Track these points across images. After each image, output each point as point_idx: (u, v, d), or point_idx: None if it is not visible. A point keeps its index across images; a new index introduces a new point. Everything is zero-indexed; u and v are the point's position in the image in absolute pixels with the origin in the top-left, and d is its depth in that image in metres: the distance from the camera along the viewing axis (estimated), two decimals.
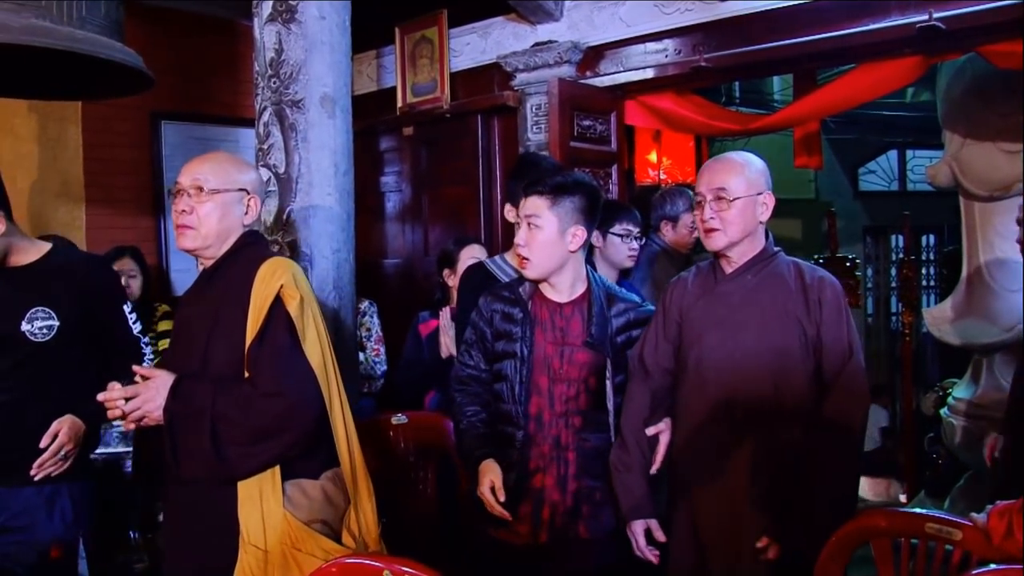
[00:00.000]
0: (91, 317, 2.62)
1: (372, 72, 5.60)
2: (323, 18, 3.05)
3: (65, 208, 4.78)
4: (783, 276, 2.31)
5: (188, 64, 5.20)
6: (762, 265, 2.33)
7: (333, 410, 2.11)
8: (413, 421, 3.19)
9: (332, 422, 2.11)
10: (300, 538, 2.05)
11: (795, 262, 2.36)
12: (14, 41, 2.45)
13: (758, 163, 2.36)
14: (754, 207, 2.29)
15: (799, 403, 2.26)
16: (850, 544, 2.10)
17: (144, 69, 2.85)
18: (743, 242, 2.32)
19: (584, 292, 2.50)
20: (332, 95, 3.07)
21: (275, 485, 2.06)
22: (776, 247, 2.38)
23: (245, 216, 2.22)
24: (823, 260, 5.26)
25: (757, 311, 2.30)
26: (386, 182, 5.58)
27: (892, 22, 3.51)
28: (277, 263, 2.13)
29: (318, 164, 3.03)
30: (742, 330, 2.30)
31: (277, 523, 2.04)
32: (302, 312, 2.07)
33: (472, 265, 3.09)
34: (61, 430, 2.48)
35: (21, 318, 2.48)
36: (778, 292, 2.29)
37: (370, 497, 2.20)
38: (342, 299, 3.08)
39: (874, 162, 9.85)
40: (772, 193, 2.33)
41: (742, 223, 2.29)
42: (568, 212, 2.41)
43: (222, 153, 2.35)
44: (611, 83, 4.43)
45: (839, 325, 2.26)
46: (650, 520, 2.36)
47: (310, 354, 2.06)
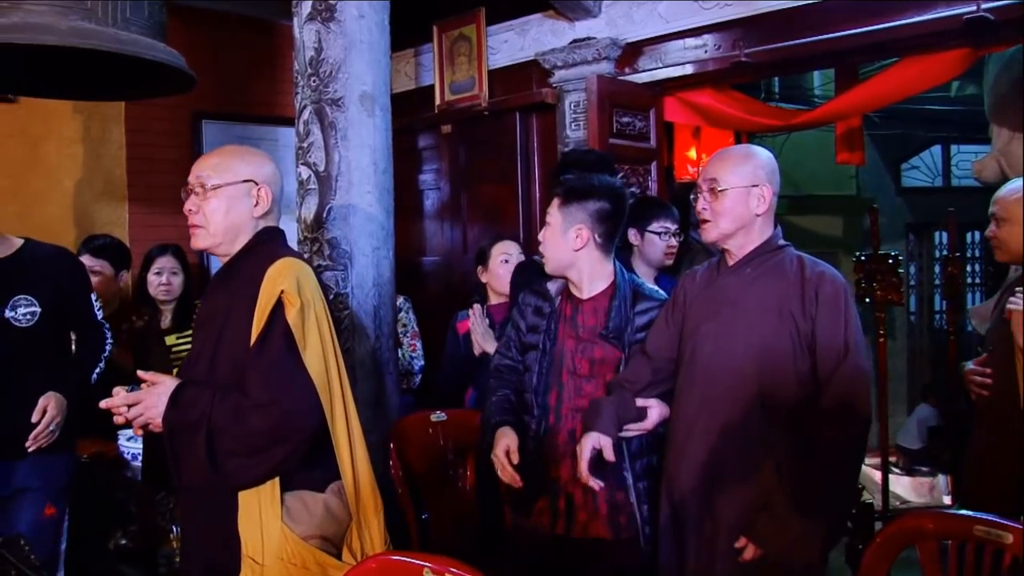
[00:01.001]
0: (65, 304, 2.94)
1: (410, 70, 5.62)
2: (362, 17, 3.06)
3: (109, 207, 4.85)
4: (784, 271, 2.26)
5: (228, 64, 5.26)
6: (763, 259, 2.29)
7: (335, 421, 2.02)
8: (452, 418, 3.20)
9: (334, 433, 2.02)
10: (296, 553, 1.98)
11: (800, 256, 2.30)
12: (61, 43, 2.49)
13: (760, 156, 2.33)
14: (747, 199, 2.26)
15: (784, 402, 2.20)
16: (895, 546, 2.05)
17: (186, 69, 2.87)
18: (737, 235, 2.29)
19: (606, 289, 2.55)
20: (371, 93, 3.07)
21: (273, 497, 1.99)
22: (784, 241, 2.33)
23: (255, 208, 2.16)
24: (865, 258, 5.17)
25: (751, 306, 2.26)
26: (424, 180, 5.60)
27: (938, 14, 3.44)
28: (285, 264, 2.04)
29: (358, 162, 3.04)
30: (732, 325, 2.27)
31: (274, 537, 1.98)
32: (302, 319, 1.98)
33: (523, 261, 3.10)
34: (49, 404, 2.78)
35: (4, 305, 2.77)
36: (775, 287, 2.24)
37: (377, 512, 2.12)
38: (382, 297, 3.09)
39: (917, 157, 9.69)
40: (771, 187, 2.27)
41: (733, 215, 2.27)
42: (573, 213, 2.50)
43: (229, 147, 2.31)
44: (650, 79, 4.40)
45: (835, 323, 2.18)
46: (603, 438, 2.26)
47: (310, 363, 1.98)
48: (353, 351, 3.02)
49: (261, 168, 2.20)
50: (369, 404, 3.05)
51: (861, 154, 5.32)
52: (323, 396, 1.99)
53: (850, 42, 3.69)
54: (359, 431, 2.10)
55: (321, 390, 1.99)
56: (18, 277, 2.83)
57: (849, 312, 2.19)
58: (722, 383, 2.26)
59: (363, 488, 2.09)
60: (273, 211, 2.22)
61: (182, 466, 2.01)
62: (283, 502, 2.01)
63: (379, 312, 3.08)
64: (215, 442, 1.94)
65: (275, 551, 1.97)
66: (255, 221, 2.17)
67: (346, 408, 2.06)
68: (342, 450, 2.04)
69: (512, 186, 4.98)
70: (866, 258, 5.01)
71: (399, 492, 2.94)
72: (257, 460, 1.95)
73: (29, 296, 2.82)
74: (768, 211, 2.29)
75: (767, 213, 2.29)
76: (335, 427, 2.02)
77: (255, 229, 2.18)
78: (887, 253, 4.99)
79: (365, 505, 2.09)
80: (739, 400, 2.24)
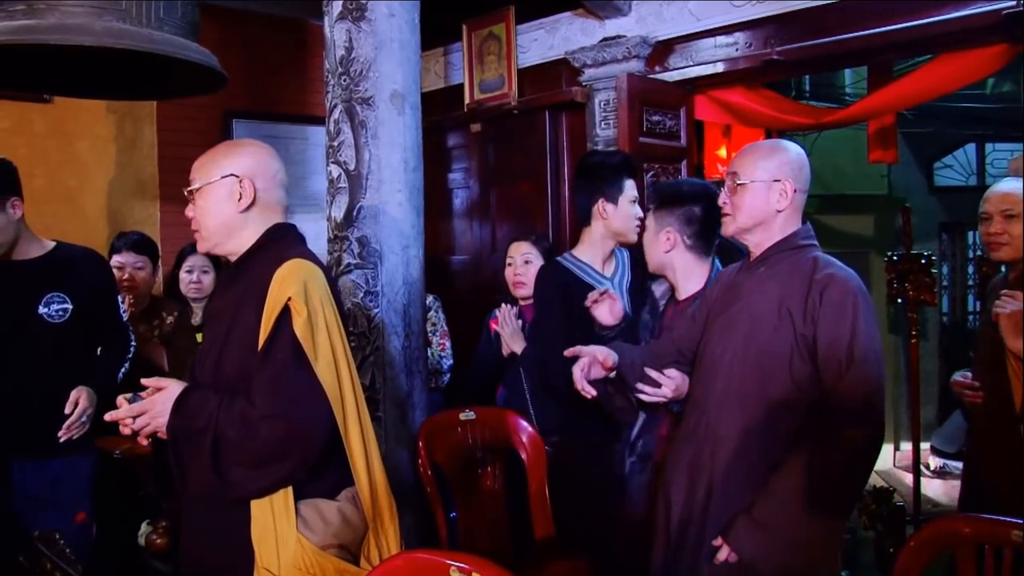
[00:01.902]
0: (95, 303, 3.02)
1: (440, 69, 5.62)
2: (393, 16, 3.06)
3: (141, 206, 4.89)
4: (798, 270, 2.18)
5: (259, 63, 5.29)
6: (780, 257, 2.23)
7: (349, 429, 1.97)
8: (481, 417, 3.20)
9: (347, 441, 1.97)
10: (315, 562, 1.93)
11: (816, 257, 2.20)
12: (97, 43, 2.51)
13: (786, 152, 2.26)
14: (767, 193, 2.21)
15: (779, 407, 2.13)
16: (930, 550, 2.02)
17: (219, 68, 2.89)
18: (756, 230, 2.25)
19: (699, 290, 2.63)
20: (402, 92, 3.08)
21: (287, 507, 1.94)
22: (807, 240, 2.25)
23: (239, 202, 2.06)
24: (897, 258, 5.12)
25: (757, 306, 2.20)
26: (453, 179, 5.60)
27: (976, 9, 3.39)
28: (293, 267, 1.96)
29: (388, 161, 3.04)
30: (737, 324, 2.23)
31: (290, 547, 1.92)
32: (311, 330, 1.91)
33: (547, 263, 3.10)
34: (81, 397, 2.85)
35: (38, 303, 2.87)
36: (784, 287, 2.17)
37: (392, 519, 2.07)
38: (411, 295, 3.09)
39: (951, 156, 9.57)
40: (795, 183, 2.21)
41: (751, 209, 2.23)
42: (663, 217, 2.64)
43: (218, 145, 2.20)
44: (680, 77, 4.37)
45: (839, 329, 2.07)
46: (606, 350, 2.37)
47: (321, 373, 1.91)
48: (383, 349, 3.02)
49: (241, 160, 2.09)
50: (398, 403, 3.06)
51: (895, 152, 5.26)
52: (335, 405, 1.94)
53: (884, 39, 3.65)
54: (373, 437, 2.05)
55: (333, 399, 1.94)
56: (51, 276, 2.92)
57: (859, 319, 2.08)
58: (718, 383, 2.23)
59: (380, 495, 2.04)
60: (267, 202, 2.11)
61: (187, 474, 1.98)
62: (297, 511, 1.96)
63: (408, 311, 3.08)
64: (220, 451, 1.90)
65: (292, 561, 1.92)
66: (244, 216, 2.08)
67: (360, 415, 2.00)
68: (357, 458, 1.99)
69: (541, 185, 4.97)
70: (898, 258, 4.96)
71: (428, 491, 2.94)
72: (264, 472, 1.91)
73: (62, 294, 2.91)
74: (790, 208, 2.23)
75: (789, 210, 2.23)
76: (349, 435, 1.97)
77: (255, 224, 2.10)
78: (920, 253, 4.94)
79: (381, 512, 2.05)
80: (730, 402, 2.20)
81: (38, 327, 2.87)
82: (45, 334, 2.88)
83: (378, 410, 3.03)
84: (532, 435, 3.13)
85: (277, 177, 2.14)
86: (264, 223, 2.10)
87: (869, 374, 2.06)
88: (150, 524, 3.18)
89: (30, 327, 2.86)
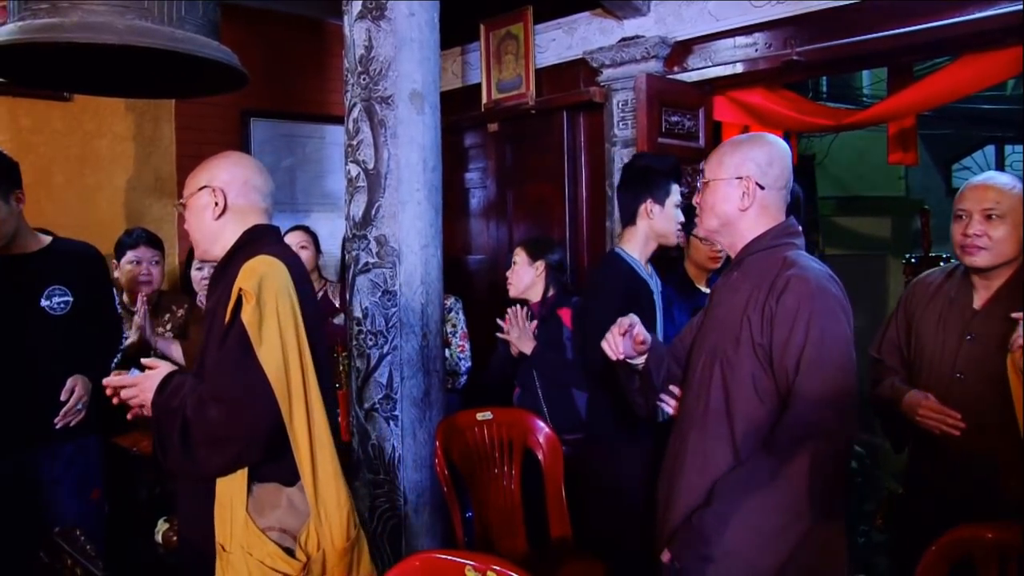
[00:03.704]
0: (93, 295, 3.11)
1: (457, 69, 5.63)
2: (412, 15, 3.06)
3: (158, 204, 4.92)
4: (766, 274, 1.99)
5: (277, 62, 5.31)
6: (751, 260, 2.06)
7: (294, 416, 2.02)
8: (498, 417, 3.21)
9: (291, 429, 2.02)
10: (255, 544, 2.02)
11: (786, 256, 2.01)
12: (120, 41, 2.51)
13: (754, 146, 2.10)
14: (729, 191, 2.07)
15: (745, 421, 1.98)
16: (951, 556, 1.99)
17: (240, 67, 2.90)
18: (724, 231, 2.11)
19: None
20: (421, 91, 3.07)
21: (242, 487, 2.04)
22: (782, 239, 2.06)
23: (215, 209, 2.19)
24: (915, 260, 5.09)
25: (726, 315, 2.06)
26: (471, 178, 5.61)
27: (998, 10, 3.36)
28: (255, 263, 2.07)
29: (407, 160, 3.04)
30: (707, 335, 2.12)
31: (239, 525, 2.03)
32: (258, 318, 1.99)
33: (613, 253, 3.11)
34: (76, 385, 2.96)
35: (40, 295, 2.95)
36: (749, 291, 2.00)
37: (339, 509, 2.11)
38: (429, 294, 3.09)
39: (969, 158, 9.52)
40: (762, 178, 2.05)
41: (713, 208, 2.09)
42: None
43: (206, 160, 2.32)
44: (699, 78, 4.36)
45: (792, 333, 1.89)
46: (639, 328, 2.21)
47: (265, 361, 1.98)
48: (400, 348, 3.02)
49: (213, 171, 2.24)
50: (415, 402, 3.06)
51: (915, 154, 5.22)
52: (280, 392, 1.99)
53: (904, 40, 3.62)
54: (325, 427, 2.10)
55: (278, 387, 1.99)
56: (52, 269, 3.00)
57: (813, 323, 1.88)
58: (689, 396, 2.14)
59: (324, 485, 2.08)
60: (240, 207, 2.22)
61: (164, 452, 2.07)
62: (252, 492, 2.06)
63: (426, 310, 3.08)
64: (186, 430, 1.99)
65: (239, 540, 2.03)
66: (220, 222, 2.21)
67: (308, 404, 2.06)
68: (300, 446, 2.04)
69: (559, 185, 4.97)
70: (916, 260, 4.94)
71: (444, 490, 2.94)
72: (217, 451, 2.00)
73: (63, 286, 3.00)
74: (757, 206, 2.06)
75: (755, 208, 2.06)
76: (293, 423, 2.03)
77: (232, 229, 2.21)
78: (938, 255, 4.91)
79: (325, 502, 2.09)
80: (695, 416, 2.08)
81: (41, 319, 2.95)
82: (47, 326, 2.97)
83: (395, 409, 3.03)
84: (549, 435, 3.13)
85: (249, 183, 2.25)
86: (241, 226, 2.22)
87: (825, 382, 1.88)
88: (167, 521, 3.19)
89: (34, 319, 2.95)
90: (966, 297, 2.54)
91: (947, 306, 2.57)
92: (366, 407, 3.06)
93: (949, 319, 2.55)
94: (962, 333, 2.49)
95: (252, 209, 2.25)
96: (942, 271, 2.70)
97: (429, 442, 3.06)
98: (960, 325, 2.51)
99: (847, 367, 1.92)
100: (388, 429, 3.04)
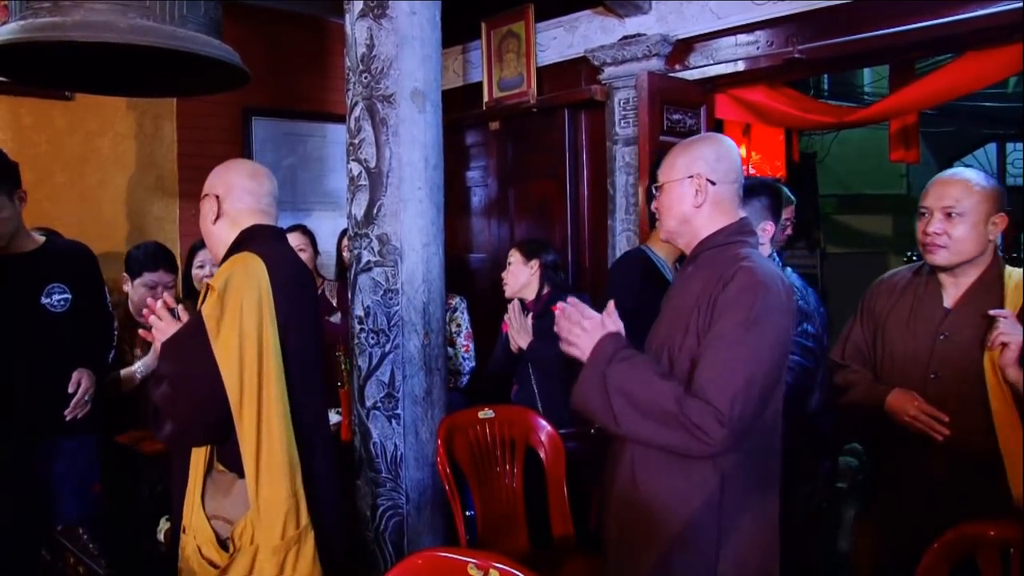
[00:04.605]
0: (89, 292, 3.16)
1: (458, 67, 5.63)
2: (414, 13, 3.05)
3: (160, 202, 4.92)
4: (717, 270, 1.99)
5: (278, 60, 5.32)
6: (706, 256, 2.07)
7: (243, 411, 2.09)
8: (500, 415, 3.20)
9: (239, 422, 2.09)
10: (199, 527, 2.15)
11: (738, 253, 2.01)
12: (122, 40, 2.52)
13: (702, 145, 2.12)
14: (683, 191, 2.08)
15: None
16: (953, 554, 1.98)
17: (241, 66, 2.90)
18: (683, 231, 2.12)
19: None
20: (422, 90, 3.07)
21: (200, 470, 2.18)
22: (737, 236, 2.06)
23: (212, 215, 2.35)
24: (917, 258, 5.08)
25: (677, 304, 2.07)
26: (472, 177, 5.61)
27: (999, 8, 3.36)
28: (232, 260, 2.21)
29: (409, 158, 3.04)
30: (660, 326, 2.13)
31: (193, 507, 2.17)
32: (219, 312, 2.09)
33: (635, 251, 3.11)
34: (82, 378, 3.00)
35: (40, 293, 3.00)
36: (702, 285, 2.00)
37: (279, 505, 2.14)
38: (431, 293, 3.09)
39: (971, 156, 9.51)
40: (712, 175, 2.05)
41: (670, 210, 2.11)
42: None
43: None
44: (701, 76, 4.36)
45: (724, 323, 1.88)
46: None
47: (220, 353, 2.07)
48: (402, 347, 3.02)
49: (212, 179, 2.39)
50: (417, 400, 3.06)
51: (916, 152, 5.22)
52: (231, 385, 2.07)
53: (907, 38, 3.62)
54: (280, 425, 2.14)
55: (230, 382, 2.07)
56: (51, 267, 3.06)
57: (744, 321, 1.87)
58: None
59: (267, 481, 2.13)
60: (232, 211, 2.35)
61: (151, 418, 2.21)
62: (212, 477, 2.20)
63: (428, 308, 3.08)
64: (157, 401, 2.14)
65: (191, 521, 2.17)
66: (216, 226, 2.36)
67: (261, 402, 2.11)
68: (246, 443, 2.10)
69: (560, 183, 4.97)
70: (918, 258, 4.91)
71: (446, 489, 2.95)
72: (162, 423, 2.13)
73: (62, 284, 3.05)
74: (710, 203, 2.07)
75: (709, 205, 2.07)
76: (242, 419, 2.09)
77: (228, 232, 2.35)
78: None
79: (266, 497, 2.13)
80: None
81: (41, 317, 3.00)
82: (47, 323, 3.01)
83: (397, 408, 3.03)
84: (551, 433, 3.13)
85: (241, 188, 2.36)
86: (236, 228, 2.34)
87: (727, 365, 1.85)
88: (169, 519, 3.20)
89: (33, 317, 2.99)
90: (935, 296, 2.52)
91: (916, 305, 2.54)
92: (368, 406, 3.06)
93: (919, 318, 2.52)
94: (935, 332, 2.46)
95: (246, 212, 2.35)
96: (908, 269, 2.67)
97: (431, 440, 3.06)
98: (932, 324, 2.48)
99: (762, 361, 1.88)
100: (390, 428, 3.04)
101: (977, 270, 2.46)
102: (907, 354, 2.51)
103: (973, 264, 2.45)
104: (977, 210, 2.40)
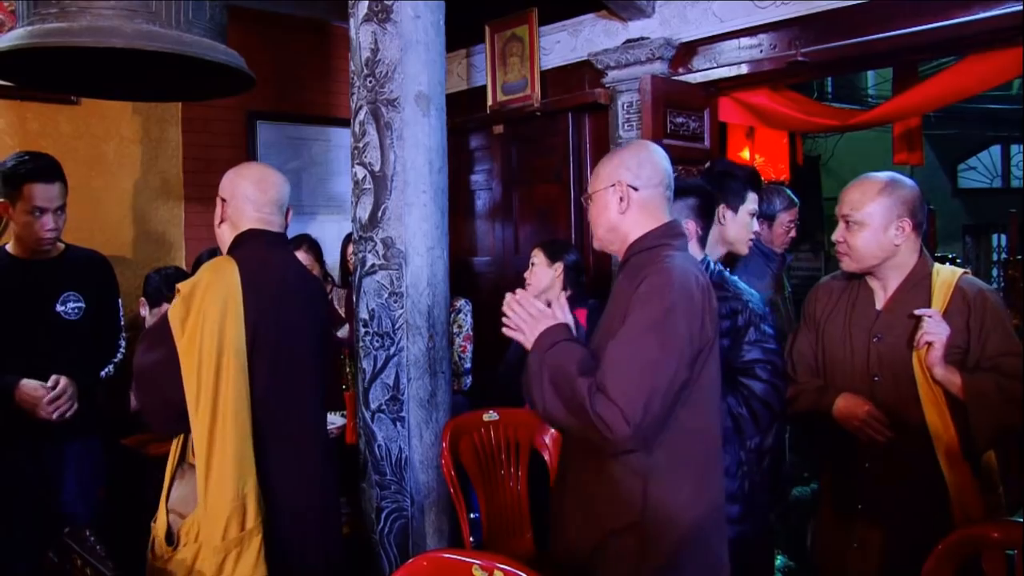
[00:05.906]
0: (101, 303, 3.21)
1: (462, 71, 5.64)
2: (418, 17, 3.07)
3: (165, 206, 4.93)
4: (640, 271, 1.97)
5: (283, 65, 5.33)
6: (634, 261, 2.06)
7: (199, 411, 2.16)
8: (504, 418, 3.21)
9: (193, 422, 2.17)
10: (159, 518, 2.22)
11: (663, 254, 2.00)
12: (128, 45, 2.54)
13: (623, 152, 2.14)
14: (608, 199, 2.09)
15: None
16: (957, 556, 1.98)
17: (246, 70, 2.91)
18: (615, 240, 2.12)
19: None
20: (427, 93, 3.08)
21: (173, 461, 2.27)
22: (663, 239, 2.05)
23: (218, 218, 2.46)
24: None
25: (610, 311, 2.06)
26: (476, 180, 5.62)
27: (1003, 10, 3.36)
28: (207, 264, 2.31)
29: (413, 162, 3.05)
30: (596, 334, 2.12)
31: (161, 497, 2.26)
32: (183, 313, 2.18)
33: None
34: (61, 378, 2.94)
35: (55, 301, 3.05)
36: (631, 290, 1.96)
37: (226, 505, 2.16)
38: (435, 296, 3.09)
39: (975, 158, 9.50)
40: (635, 181, 2.06)
41: (599, 219, 2.12)
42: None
43: None
44: (704, 79, 4.36)
45: (628, 326, 1.87)
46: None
47: (183, 352, 2.16)
48: (406, 350, 3.03)
49: (224, 181, 2.48)
50: (422, 403, 3.06)
51: (920, 154, 5.24)
52: (188, 384, 2.16)
53: (910, 40, 3.62)
54: (235, 425, 2.20)
55: (188, 380, 2.16)
56: (66, 275, 3.11)
57: (655, 324, 1.86)
58: None
59: (217, 480, 2.17)
60: (233, 216, 2.44)
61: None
62: (183, 468, 2.27)
63: (433, 311, 3.08)
64: None
65: (159, 511, 2.25)
66: (221, 229, 2.47)
67: (217, 401, 2.18)
68: (198, 441, 2.17)
69: (564, 187, 4.98)
70: None
71: (451, 491, 2.95)
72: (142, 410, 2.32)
73: (76, 292, 3.11)
74: (635, 208, 2.07)
75: (634, 210, 2.07)
76: (197, 416, 2.16)
77: (228, 236, 2.45)
78: (944, 255, 4.91)
79: (215, 494, 2.16)
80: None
81: (54, 323, 3.04)
82: (60, 330, 3.05)
83: (402, 410, 3.04)
84: (556, 436, 3.13)
85: (242, 194, 2.44)
86: (234, 233, 2.44)
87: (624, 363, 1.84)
88: None
89: (47, 323, 3.03)
90: (868, 299, 2.54)
91: (851, 308, 2.57)
92: (373, 408, 3.07)
93: (855, 321, 2.54)
94: (869, 334, 2.49)
95: (244, 217, 2.44)
96: (844, 274, 2.66)
97: (436, 443, 3.07)
98: (867, 326, 2.51)
99: (666, 361, 1.85)
100: (395, 430, 3.05)
101: (902, 272, 2.48)
102: (847, 357, 2.55)
103: (894, 266, 2.47)
104: (875, 216, 2.43)
